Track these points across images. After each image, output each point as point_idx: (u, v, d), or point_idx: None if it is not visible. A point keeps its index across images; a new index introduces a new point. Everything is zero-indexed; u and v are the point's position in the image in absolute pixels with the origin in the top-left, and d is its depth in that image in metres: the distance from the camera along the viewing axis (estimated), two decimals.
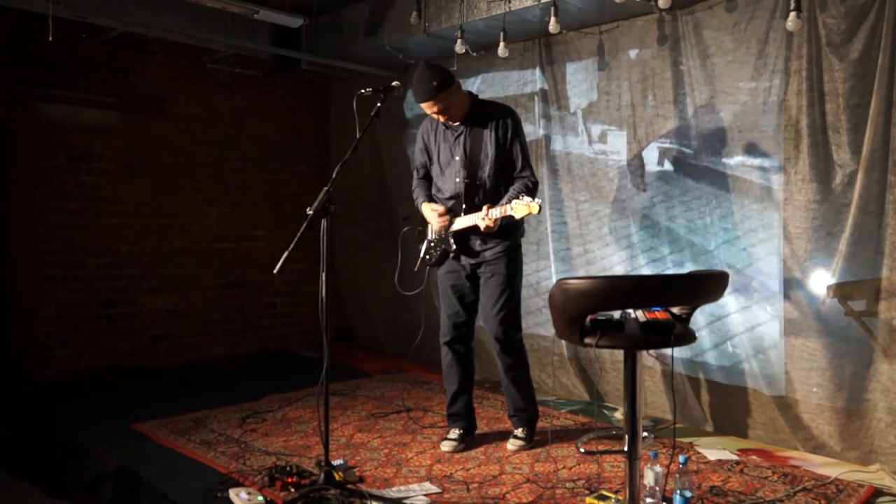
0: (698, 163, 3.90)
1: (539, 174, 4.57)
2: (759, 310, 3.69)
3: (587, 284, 2.18)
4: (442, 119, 3.34)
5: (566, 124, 4.54)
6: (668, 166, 4.07)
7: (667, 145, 4.04)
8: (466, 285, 3.47)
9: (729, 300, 3.76)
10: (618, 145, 4.28)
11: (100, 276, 5.14)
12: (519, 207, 3.02)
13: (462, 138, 3.37)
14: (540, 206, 2.98)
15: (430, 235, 3.51)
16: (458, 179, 3.37)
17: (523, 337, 3.53)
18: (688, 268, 3.92)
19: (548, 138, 4.62)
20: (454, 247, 3.39)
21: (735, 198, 3.75)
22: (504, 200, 3.20)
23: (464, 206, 3.34)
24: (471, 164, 3.34)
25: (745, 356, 3.74)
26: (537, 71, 4.64)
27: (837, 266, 3.31)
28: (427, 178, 3.59)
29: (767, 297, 3.65)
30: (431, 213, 3.44)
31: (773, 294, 3.62)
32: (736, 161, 3.75)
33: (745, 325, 3.73)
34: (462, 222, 3.33)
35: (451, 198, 3.42)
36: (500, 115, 3.35)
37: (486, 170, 3.34)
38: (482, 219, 3.18)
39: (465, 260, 3.43)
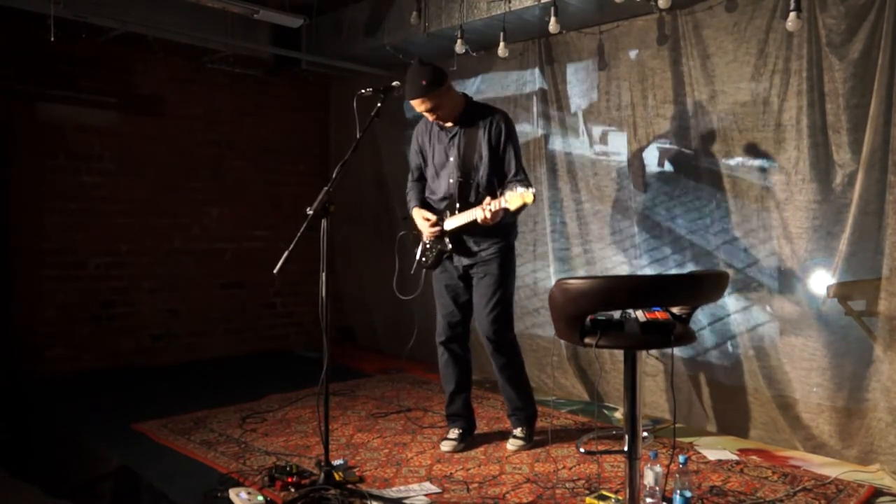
0: (698, 163, 3.90)
1: (538, 174, 4.58)
2: (759, 310, 3.69)
3: (587, 284, 2.19)
4: (432, 118, 3.34)
5: (566, 125, 4.54)
6: (668, 167, 4.07)
7: (667, 145, 4.04)
8: (460, 285, 3.47)
9: (729, 300, 3.76)
10: (618, 146, 4.28)
11: (100, 276, 5.14)
12: (513, 198, 2.97)
13: (456, 139, 3.37)
14: (534, 195, 2.95)
15: (426, 238, 3.50)
16: (451, 180, 3.37)
17: (523, 337, 3.53)
18: (689, 268, 3.92)
19: (546, 138, 4.62)
20: (449, 247, 3.38)
21: (735, 198, 3.75)
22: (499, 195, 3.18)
23: (457, 205, 3.33)
24: (465, 166, 3.34)
25: (745, 356, 3.74)
26: (536, 71, 4.64)
27: (837, 266, 3.30)
28: (422, 181, 3.58)
29: (768, 297, 3.65)
30: (423, 221, 3.44)
31: (774, 294, 3.62)
32: (736, 161, 3.75)
33: (746, 325, 3.73)
34: (457, 220, 3.32)
35: (443, 198, 3.42)
36: (492, 118, 3.34)
37: (481, 171, 3.33)
38: (482, 209, 3.13)
39: (458, 261, 3.42)
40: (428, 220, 3.40)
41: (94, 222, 5.11)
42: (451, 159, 3.37)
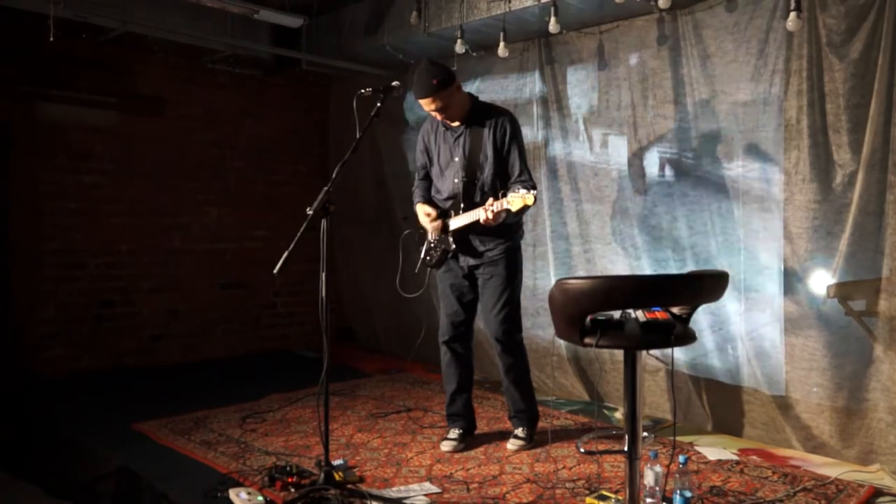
0: (698, 163, 3.90)
1: (538, 175, 4.57)
2: (759, 310, 3.69)
3: (587, 284, 2.18)
4: (440, 118, 3.34)
5: (567, 128, 4.53)
6: (668, 167, 4.07)
7: (667, 146, 4.04)
8: (465, 284, 3.47)
9: (729, 300, 3.76)
10: (619, 149, 4.27)
11: (100, 276, 5.14)
12: (515, 200, 2.99)
13: (462, 139, 3.37)
14: (535, 197, 2.97)
15: (430, 236, 3.51)
16: (456, 180, 3.37)
17: (523, 337, 3.53)
18: (689, 268, 3.92)
19: (547, 142, 4.62)
20: (453, 246, 3.39)
21: (735, 198, 3.75)
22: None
23: (462, 205, 3.34)
24: (470, 165, 3.34)
25: (745, 356, 3.73)
26: (536, 73, 4.64)
27: (838, 266, 3.31)
28: (427, 180, 3.59)
29: (768, 297, 3.65)
30: (424, 216, 3.46)
31: (774, 294, 3.62)
32: (736, 161, 3.74)
33: (746, 325, 3.73)
34: (461, 220, 3.32)
35: (448, 198, 3.42)
36: (498, 118, 3.34)
37: (486, 170, 3.33)
38: (484, 210, 3.14)
39: (463, 260, 3.43)
40: (429, 214, 3.41)
41: (94, 222, 5.11)
42: (457, 159, 3.38)
